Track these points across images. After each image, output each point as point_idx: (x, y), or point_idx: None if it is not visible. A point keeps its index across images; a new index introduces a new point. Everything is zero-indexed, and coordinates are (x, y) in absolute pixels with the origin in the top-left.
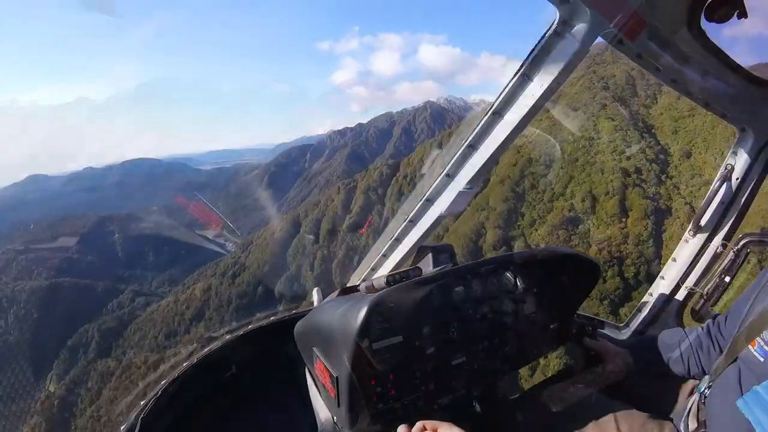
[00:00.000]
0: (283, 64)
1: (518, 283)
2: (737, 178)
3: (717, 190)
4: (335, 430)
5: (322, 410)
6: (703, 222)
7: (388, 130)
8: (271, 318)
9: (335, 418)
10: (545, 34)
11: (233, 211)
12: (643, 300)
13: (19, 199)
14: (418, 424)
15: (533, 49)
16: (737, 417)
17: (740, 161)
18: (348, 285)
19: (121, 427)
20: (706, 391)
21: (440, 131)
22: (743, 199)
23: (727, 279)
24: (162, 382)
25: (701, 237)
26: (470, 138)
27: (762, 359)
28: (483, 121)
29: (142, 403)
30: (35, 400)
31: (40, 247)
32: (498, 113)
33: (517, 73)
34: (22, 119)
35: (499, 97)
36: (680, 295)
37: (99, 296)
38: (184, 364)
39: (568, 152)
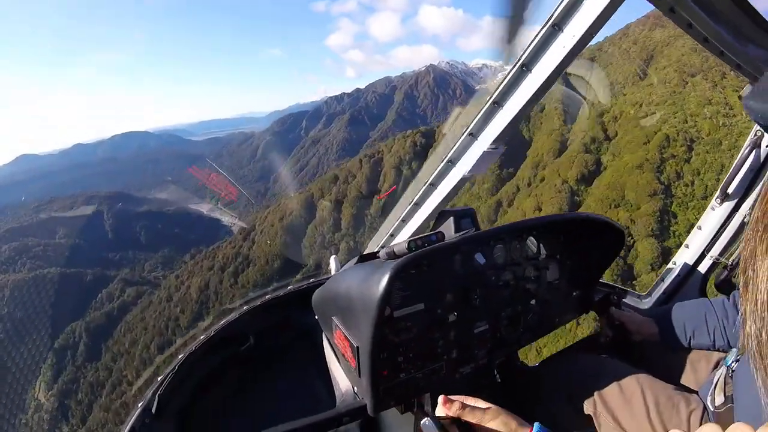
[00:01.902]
0: (275, 26)
1: (541, 248)
2: (767, 145)
3: (746, 157)
4: (356, 400)
5: (341, 380)
6: (730, 190)
7: (388, 95)
8: (289, 288)
9: (356, 388)
10: None
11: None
12: (666, 268)
13: (10, 180)
14: (441, 398)
15: None
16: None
17: None
18: (366, 252)
19: (139, 404)
20: (733, 364)
21: (444, 96)
22: None
23: None
24: (179, 356)
25: (728, 205)
26: (495, 94)
27: None
28: (509, 76)
29: (159, 379)
30: (25, 409)
31: (60, 216)
32: (526, 66)
33: (546, 22)
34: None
35: (527, 49)
36: (704, 265)
37: (87, 286)
38: (201, 338)
39: (707, 132)
